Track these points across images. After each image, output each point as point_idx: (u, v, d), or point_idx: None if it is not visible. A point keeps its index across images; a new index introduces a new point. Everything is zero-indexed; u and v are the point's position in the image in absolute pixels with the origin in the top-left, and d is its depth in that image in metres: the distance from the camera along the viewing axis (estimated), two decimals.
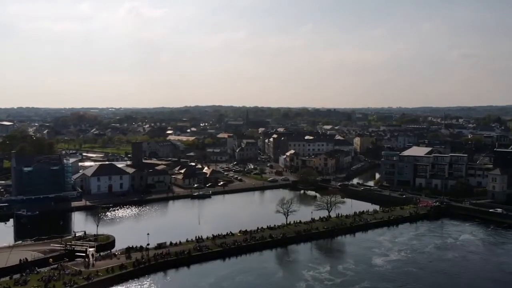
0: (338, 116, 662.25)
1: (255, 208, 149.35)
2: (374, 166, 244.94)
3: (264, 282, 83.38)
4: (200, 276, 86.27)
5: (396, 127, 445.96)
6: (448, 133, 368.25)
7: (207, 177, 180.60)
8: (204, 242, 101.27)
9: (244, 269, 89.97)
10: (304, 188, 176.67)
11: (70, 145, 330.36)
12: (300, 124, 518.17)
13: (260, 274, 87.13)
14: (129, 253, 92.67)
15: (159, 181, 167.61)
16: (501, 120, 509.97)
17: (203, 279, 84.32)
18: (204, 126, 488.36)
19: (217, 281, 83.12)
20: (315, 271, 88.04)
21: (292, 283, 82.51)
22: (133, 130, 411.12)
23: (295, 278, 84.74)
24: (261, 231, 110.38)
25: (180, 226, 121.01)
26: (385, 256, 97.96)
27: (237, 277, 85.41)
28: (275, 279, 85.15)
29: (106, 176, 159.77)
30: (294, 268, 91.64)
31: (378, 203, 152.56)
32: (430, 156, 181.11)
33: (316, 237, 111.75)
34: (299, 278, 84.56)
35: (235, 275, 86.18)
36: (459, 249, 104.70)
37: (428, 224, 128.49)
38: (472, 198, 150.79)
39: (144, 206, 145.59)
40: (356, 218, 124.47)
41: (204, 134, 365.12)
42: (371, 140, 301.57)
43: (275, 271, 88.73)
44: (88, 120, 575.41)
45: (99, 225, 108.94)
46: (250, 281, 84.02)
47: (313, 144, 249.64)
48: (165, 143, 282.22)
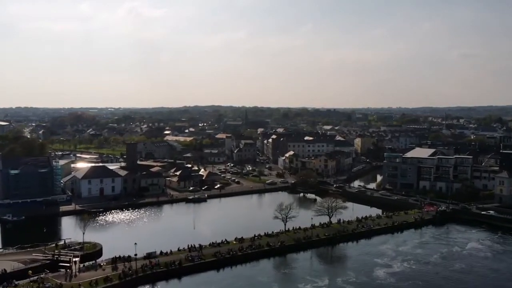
0: (338, 116, 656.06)
1: (252, 213, 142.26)
2: (375, 167, 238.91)
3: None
4: None
5: (396, 127, 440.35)
6: (449, 134, 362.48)
7: (204, 179, 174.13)
8: (197, 251, 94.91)
9: (237, 281, 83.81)
10: (303, 191, 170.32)
11: (65, 145, 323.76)
12: (300, 125, 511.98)
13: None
14: (116, 264, 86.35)
15: (153, 184, 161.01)
16: (502, 121, 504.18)
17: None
18: (203, 126, 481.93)
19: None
20: (313, 284, 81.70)
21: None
22: (130, 131, 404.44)
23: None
24: (258, 238, 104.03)
25: (172, 233, 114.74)
26: (388, 267, 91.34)
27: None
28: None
29: (98, 179, 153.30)
30: (291, 280, 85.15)
31: (381, 207, 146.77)
32: (434, 158, 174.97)
33: (316, 245, 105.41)
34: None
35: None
36: (467, 258, 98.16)
37: (433, 230, 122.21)
38: (479, 202, 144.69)
39: (137, 211, 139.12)
40: (358, 224, 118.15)
41: (202, 135, 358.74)
42: (372, 141, 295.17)
43: (269, 285, 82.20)
44: (86, 120, 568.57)
45: (87, 232, 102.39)
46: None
47: (313, 145, 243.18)
48: (162, 143, 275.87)
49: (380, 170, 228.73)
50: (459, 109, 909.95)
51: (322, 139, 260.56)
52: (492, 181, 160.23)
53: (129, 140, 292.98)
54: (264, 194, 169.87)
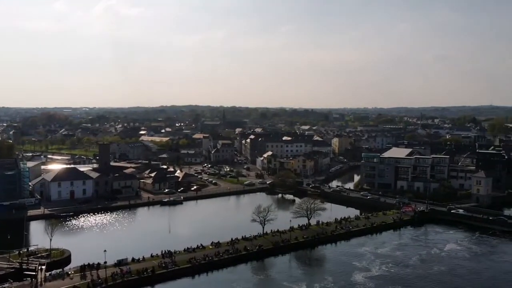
0: (315, 117, 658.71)
1: (229, 215, 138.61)
2: (353, 167, 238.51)
3: None
4: None
5: (373, 127, 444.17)
6: (425, 134, 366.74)
7: (179, 181, 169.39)
8: (171, 257, 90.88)
9: None
10: (282, 192, 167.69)
11: (36, 146, 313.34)
12: (278, 125, 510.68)
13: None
14: (84, 272, 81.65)
15: (126, 186, 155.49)
16: (476, 121, 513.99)
17: None
18: (180, 126, 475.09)
19: None
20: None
21: None
22: (104, 131, 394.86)
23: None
24: (235, 242, 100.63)
25: (145, 238, 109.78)
26: (367, 271, 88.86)
27: None
28: None
29: (68, 181, 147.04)
30: (268, 287, 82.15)
31: (360, 208, 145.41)
32: (412, 158, 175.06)
33: (295, 248, 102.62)
34: None
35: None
36: (446, 261, 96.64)
37: (411, 232, 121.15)
38: (456, 202, 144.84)
39: (109, 214, 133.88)
40: (337, 226, 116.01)
41: (179, 135, 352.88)
42: (349, 141, 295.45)
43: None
44: (59, 120, 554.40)
45: (55, 238, 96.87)
46: None
47: (291, 145, 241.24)
48: (137, 144, 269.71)
49: (357, 170, 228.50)
50: (433, 109, 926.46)
51: (300, 139, 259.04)
52: (469, 180, 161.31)
53: (102, 140, 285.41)
54: (242, 195, 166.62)
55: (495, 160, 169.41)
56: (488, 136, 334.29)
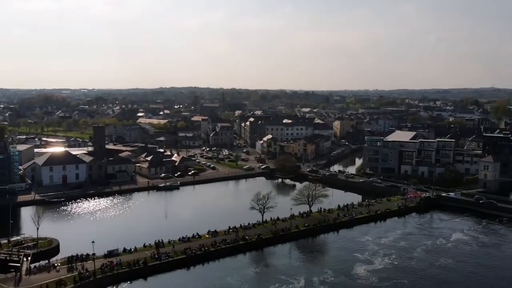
0: (316, 99, 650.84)
1: (228, 201, 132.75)
2: (354, 151, 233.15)
3: None
4: None
5: (374, 109, 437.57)
6: (427, 116, 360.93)
7: (176, 165, 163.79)
8: (165, 247, 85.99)
9: (204, 283, 74.60)
10: (282, 177, 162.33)
11: (31, 129, 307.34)
12: (278, 107, 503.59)
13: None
14: (72, 264, 76.76)
15: (121, 170, 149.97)
16: (478, 103, 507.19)
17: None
18: (178, 109, 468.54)
19: None
20: (288, 286, 73.28)
21: None
22: (102, 113, 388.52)
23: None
24: (233, 231, 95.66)
25: (139, 226, 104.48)
26: (369, 263, 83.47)
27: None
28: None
29: (60, 166, 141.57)
30: (264, 280, 76.26)
31: (363, 193, 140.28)
32: (416, 141, 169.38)
33: (295, 237, 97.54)
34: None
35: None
36: (452, 252, 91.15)
37: (416, 219, 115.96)
38: (463, 187, 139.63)
39: (103, 200, 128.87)
40: (340, 213, 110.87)
41: (178, 117, 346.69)
42: (351, 123, 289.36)
43: (243, 286, 73.31)
44: (56, 102, 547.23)
45: (44, 226, 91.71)
46: None
47: (292, 128, 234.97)
48: (134, 127, 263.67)
49: (359, 154, 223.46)
50: (435, 92, 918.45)
51: (300, 122, 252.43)
52: (475, 165, 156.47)
53: (99, 122, 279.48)
54: (241, 180, 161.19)
55: (502, 144, 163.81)
56: (492, 119, 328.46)
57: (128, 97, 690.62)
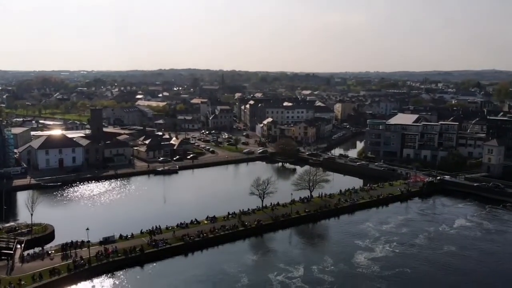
0: (317, 81, 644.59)
1: (227, 186, 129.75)
2: (356, 134, 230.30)
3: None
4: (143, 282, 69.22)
5: (376, 92, 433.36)
6: (429, 98, 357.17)
7: (175, 148, 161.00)
8: (162, 233, 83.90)
9: (202, 271, 72.11)
10: (282, 161, 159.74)
11: (29, 111, 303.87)
12: (278, 89, 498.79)
13: (219, 280, 69.65)
14: (66, 251, 74.71)
15: (118, 154, 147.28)
16: (480, 85, 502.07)
17: None
18: (178, 91, 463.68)
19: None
20: (287, 274, 71.06)
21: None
22: (100, 95, 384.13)
23: (260, 287, 67.77)
24: (232, 217, 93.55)
25: (135, 212, 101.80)
26: (370, 251, 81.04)
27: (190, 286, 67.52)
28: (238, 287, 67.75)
29: (56, 149, 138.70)
30: (263, 269, 73.73)
31: (364, 178, 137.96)
32: (419, 124, 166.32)
33: (296, 222, 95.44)
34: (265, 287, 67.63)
35: (185, 285, 68.40)
36: (455, 239, 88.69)
37: (419, 204, 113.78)
38: (466, 171, 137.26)
39: (99, 184, 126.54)
40: (340, 199, 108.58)
41: (177, 100, 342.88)
42: (352, 106, 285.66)
43: (237, 276, 70.71)
44: (54, 84, 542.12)
45: (39, 211, 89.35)
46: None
47: (292, 111, 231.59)
48: (132, 109, 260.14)
49: (360, 137, 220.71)
50: (436, 74, 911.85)
51: (301, 105, 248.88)
52: (478, 148, 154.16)
53: (97, 105, 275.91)
54: (240, 164, 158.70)
55: (506, 127, 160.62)
56: (494, 101, 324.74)
57: (127, 79, 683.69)
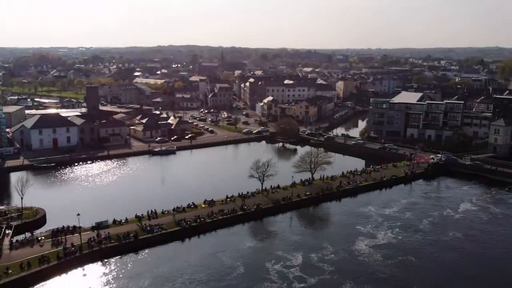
0: (318, 58, 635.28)
1: (226, 168, 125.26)
2: (358, 113, 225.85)
3: (216, 286, 61.82)
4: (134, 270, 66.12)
5: (378, 69, 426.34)
6: (432, 76, 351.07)
7: (173, 128, 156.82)
8: (158, 218, 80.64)
9: (196, 259, 68.64)
10: (283, 141, 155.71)
11: (25, 89, 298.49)
12: (279, 67, 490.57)
13: (214, 269, 65.94)
14: (57, 238, 71.49)
15: (114, 133, 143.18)
16: (484, 63, 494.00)
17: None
18: (176, 68, 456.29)
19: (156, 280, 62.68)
20: (285, 263, 67.74)
21: (250, 286, 61.38)
22: (98, 72, 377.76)
23: (256, 277, 63.78)
24: (231, 201, 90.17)
25: (130, 194, 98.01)
26: (371, 237, 77.59)
27: (180, 278, 63.24)
28: (232, 278, 63.65)
29: (50, 129, 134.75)
30: (260, 257, 70.03)
31: (367, 158, 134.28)
32: (424, 103, 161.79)
33: (296, 206, 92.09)
34: (261, 277, 63.72)
35: (179, 273, 64.71)
36: (460, 225, 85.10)
37: (423, 187, 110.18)
38: (473, 152, 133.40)
39: (94, 164, 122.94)
40: (343, 181, 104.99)
41: (175, 77, 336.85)
42: (354, 84, 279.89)
43: (234, 265, 67.17)
44: (51, 61, 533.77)
45: (31, 193, 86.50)
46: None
47: (293, 90, 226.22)
48: (130, 87, 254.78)
49: (363, 116, 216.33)
50: (439, 51, 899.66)
51: (302, 83, 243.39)
52: (483, 128, 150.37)
53: (94, 82, 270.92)
54: (240, 144, 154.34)
55: None
56: (498, 79, 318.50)
57: (126, 55, 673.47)
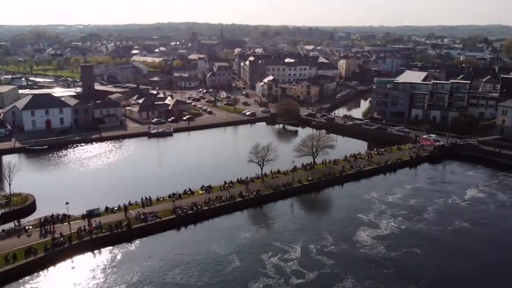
0: (319, 35, 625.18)
1: (225, 151, 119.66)
2: (360, 92, 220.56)
3: (209, 282, 57.53)
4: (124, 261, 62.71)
5: (381, 47, 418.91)
6: (436, 54, 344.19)
7: (170, 109, 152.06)
8: (153, 205, 76.97)
9: (190, 251, 64.66)
10: (283, 122, 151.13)
11: (20, 67, 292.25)
12: (280, 44, 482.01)
13: (208, 263, 61.56)
14: (46, 227, 67.93)
15: (109, 114, 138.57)
16: (487, 41, 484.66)
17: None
18: (175, 46, 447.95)
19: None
20: (283, 255, 63.64)
21: (245, 282, 57.44)
22: (95, 50, 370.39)
23: (251, 272, 59.55)
24: (229, 186, 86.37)
25: (124, 180, 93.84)
26: (374, 227, 73.48)
27: (170, 271, 59.40)
28: (226, 273, 59.31)
29: (42, 109, 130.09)
30: (257, 249, 65.74)
31: (371, 141, 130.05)
32: (429, 83, 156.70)
33: (297, 192, 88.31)
34: (257, 272, 59.56)
35: (170, 267, 60.72)
36: (467, 213, 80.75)
37: (428, 171, 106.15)
38: (480, 134, 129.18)
39: (88, 147, 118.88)
40: (345, 166, 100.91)
41: (174, 55, 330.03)
42: (357, 63, 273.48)
43: (229, 257, 62.98)
44: (48, 39, 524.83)
45: (21, 179, 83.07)
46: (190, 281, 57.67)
47: (294, 69, 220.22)
48: (127, 65, 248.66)
49: (365, 95, 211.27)
50: (441, 28, 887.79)
51: (304, 62, 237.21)
52: (490, 109, 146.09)
53: (91, 61, 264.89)
54: (239, 126, 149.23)
55: None
56: (503, 58, 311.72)
57: (124, 33, 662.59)
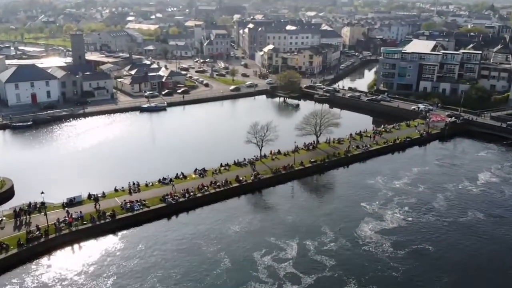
0: (322, 1, 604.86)
1: (221, 128, 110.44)
2: (365, 62, 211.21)
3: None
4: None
5: (385, 14, 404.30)
6: (442, 22, 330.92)
7: (164, 81, 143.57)
8: (141, 191, 70.34)
9: (176, 250, 57.50)
10: (284, 96, 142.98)
11: (11, 36, 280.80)
12: (281, 10, 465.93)
13: (194, 264, 54.60)
14: (21, 217, 61.50)
15: (99, 87, 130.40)
16: (494, 8, 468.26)
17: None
18: (172, 12, 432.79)
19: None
20: (277, 254, 56.74)
21: None
22: (89, 17, 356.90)
23: (241, 275, 52.62)
24: (225, 170, 79.49)
25: (111, 162, 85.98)
26: (378, 219, 66.03)
27: (151, 274, 52.63)
28: (212, 277, 52.15)
29: (27, 82, 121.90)
30: (249, 245, 58.82)
31: (377, 116, 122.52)
32: (439, 53, 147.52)
33: (299, 175, 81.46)
34: (247, 275, 52.59)
35: (152, 268, 53.84)
36: (480, 201, 72.90)
37: (438, 150, 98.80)
38: (493, 109, 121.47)
39: (76, 122, 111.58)
40: (351, 145, 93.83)
41: (170, 22, 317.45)
42: (362, 30, 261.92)
43: (218, 256, 55.94)
44: (42, 5, 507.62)
45: None
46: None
47: (296, 37, 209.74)
48: (121, 33, 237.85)
49: (370, 65, 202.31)
50: None
51: (306, 29, 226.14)
52: (502, 81, 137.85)
53: (84, 28, 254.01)
54: (237, 100, 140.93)
55: None
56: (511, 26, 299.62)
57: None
